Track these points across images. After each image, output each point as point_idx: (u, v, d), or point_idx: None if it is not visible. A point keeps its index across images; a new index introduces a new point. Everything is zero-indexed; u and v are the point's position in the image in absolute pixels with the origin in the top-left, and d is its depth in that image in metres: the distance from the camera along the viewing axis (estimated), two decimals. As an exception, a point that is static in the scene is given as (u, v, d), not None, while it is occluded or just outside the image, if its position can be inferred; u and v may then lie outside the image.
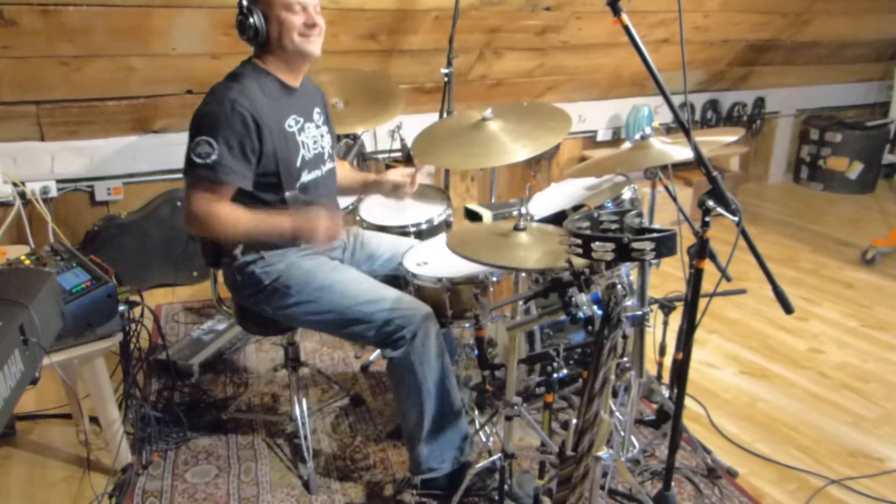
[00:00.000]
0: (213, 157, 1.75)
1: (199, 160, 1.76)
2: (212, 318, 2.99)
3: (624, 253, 1.30)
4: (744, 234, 1.58)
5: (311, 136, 1.98)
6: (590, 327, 1.42)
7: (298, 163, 1.92)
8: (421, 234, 2.40)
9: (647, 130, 1.91)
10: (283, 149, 1.87)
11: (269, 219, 1.85)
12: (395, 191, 2.23)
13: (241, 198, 1.84)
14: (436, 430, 1.90)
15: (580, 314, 1.41)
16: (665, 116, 4.46)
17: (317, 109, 2.04)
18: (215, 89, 1.83)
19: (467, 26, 3.31)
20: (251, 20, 1.82)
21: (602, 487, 1.93)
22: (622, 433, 2.08)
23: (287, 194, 1.89)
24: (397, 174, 2.22)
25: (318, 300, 1.88)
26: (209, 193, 1.79)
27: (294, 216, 1.84)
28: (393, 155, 3.71)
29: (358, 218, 2.48)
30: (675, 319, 2.13)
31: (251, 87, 1.83)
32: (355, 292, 1.89)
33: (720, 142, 1.90)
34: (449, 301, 1.97)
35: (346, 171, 2.26)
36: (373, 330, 1.86)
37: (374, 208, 2.56)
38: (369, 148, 3.69)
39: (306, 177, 1.94)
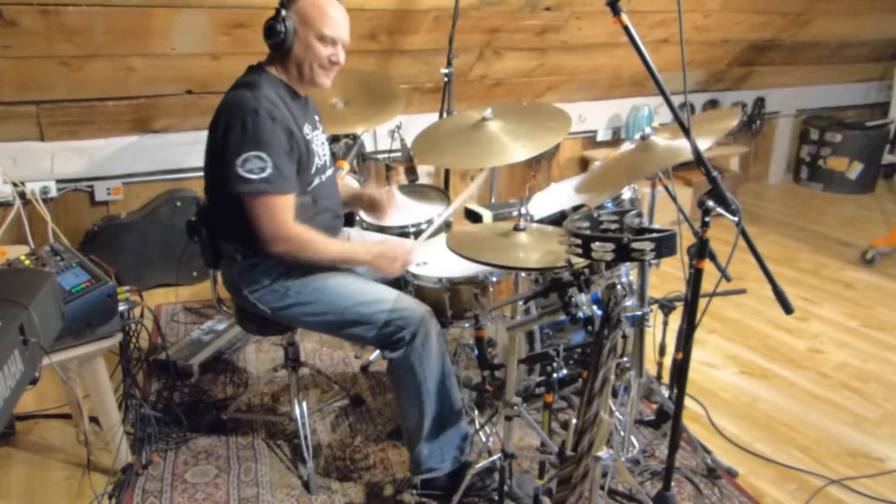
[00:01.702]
0: (269, 170, 1.73)
1: (253, 176, 1.72)
2: (212, 318, 2.99)
3: (624, 253, 1.30)
4: (744, 234, 1.58)
5: (320, 142, 1.98)
6: (590, 327, 1.42)
7: (313, 169, 1.91)
8: (420, 235, 2.39)
9: (647, 130, 1.91)
10: (304, 155, 1.86)
11: (352, 248, 1.92)
12: (372, 208, 2.21)
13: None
14: (436, 430, 1.90)
15: (580, 314, 1.41)
16: (665, 116, 4.46)
17: (317, 117, 2.05)
18: (239, 102, 1.76)
19: (467, 26, 3.31)
20: (281, 28, 1.78)
21: (602, 487, 1.93)
22: (622, 433, 2.08)
23: (298, 199, 1.89)
24: (374, 190, 2.20)
25: (318, 301, 1.88)
26: (281, 207, 1.77)
27: (373, 248, 1.88)
28: (393, 155, 3.71)
29: (357, 218, 2.48)
30: (675, 319, 2.13)
31: (271, 95, 1.80)
32: (354, 293, 1.89)
33: (720, 129, 1.85)
34: (449, 301, 1.97)
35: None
36: (373, 331, 1.86)
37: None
38: (369, 148, 3.69)
39: (316, 182, 1.95)
